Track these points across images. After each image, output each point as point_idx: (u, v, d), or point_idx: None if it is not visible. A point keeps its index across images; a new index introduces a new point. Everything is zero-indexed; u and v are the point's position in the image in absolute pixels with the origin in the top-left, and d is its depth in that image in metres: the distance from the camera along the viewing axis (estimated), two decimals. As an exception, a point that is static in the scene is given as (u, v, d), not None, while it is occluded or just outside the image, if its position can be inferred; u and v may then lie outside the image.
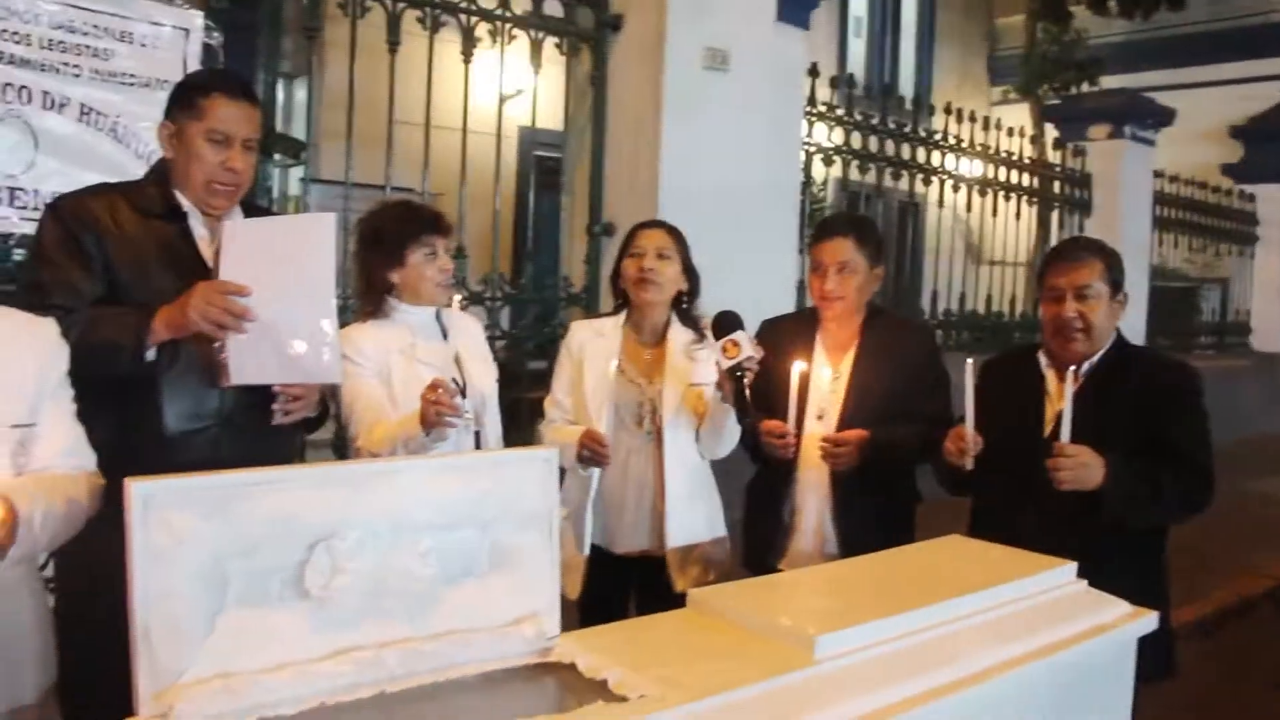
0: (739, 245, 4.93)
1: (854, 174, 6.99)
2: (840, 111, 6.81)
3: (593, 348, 2.92)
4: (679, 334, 2.93)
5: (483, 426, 2.66)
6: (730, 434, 2.86)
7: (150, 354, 2.23)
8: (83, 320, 2.21)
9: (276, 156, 4.81)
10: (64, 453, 1.99)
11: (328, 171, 4.80)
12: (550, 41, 5.18)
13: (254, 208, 2.62)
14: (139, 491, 1.35)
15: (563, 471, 2.53)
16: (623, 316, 2.98)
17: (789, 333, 3.05)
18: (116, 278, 2.32)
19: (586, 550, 2.88)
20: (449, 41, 4.82)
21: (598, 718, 1.46)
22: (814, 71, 6.32)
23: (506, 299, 5.07)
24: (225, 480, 1.43)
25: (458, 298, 2.50)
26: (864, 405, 2.92)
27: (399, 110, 4.76)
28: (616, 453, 2.78)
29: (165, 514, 1.36)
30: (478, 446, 2.62)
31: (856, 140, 6.98)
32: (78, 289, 2.28)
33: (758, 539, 3.04)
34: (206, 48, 4.20)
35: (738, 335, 2.66)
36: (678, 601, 2.83)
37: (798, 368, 2.77)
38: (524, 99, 5.20)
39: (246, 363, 2.24)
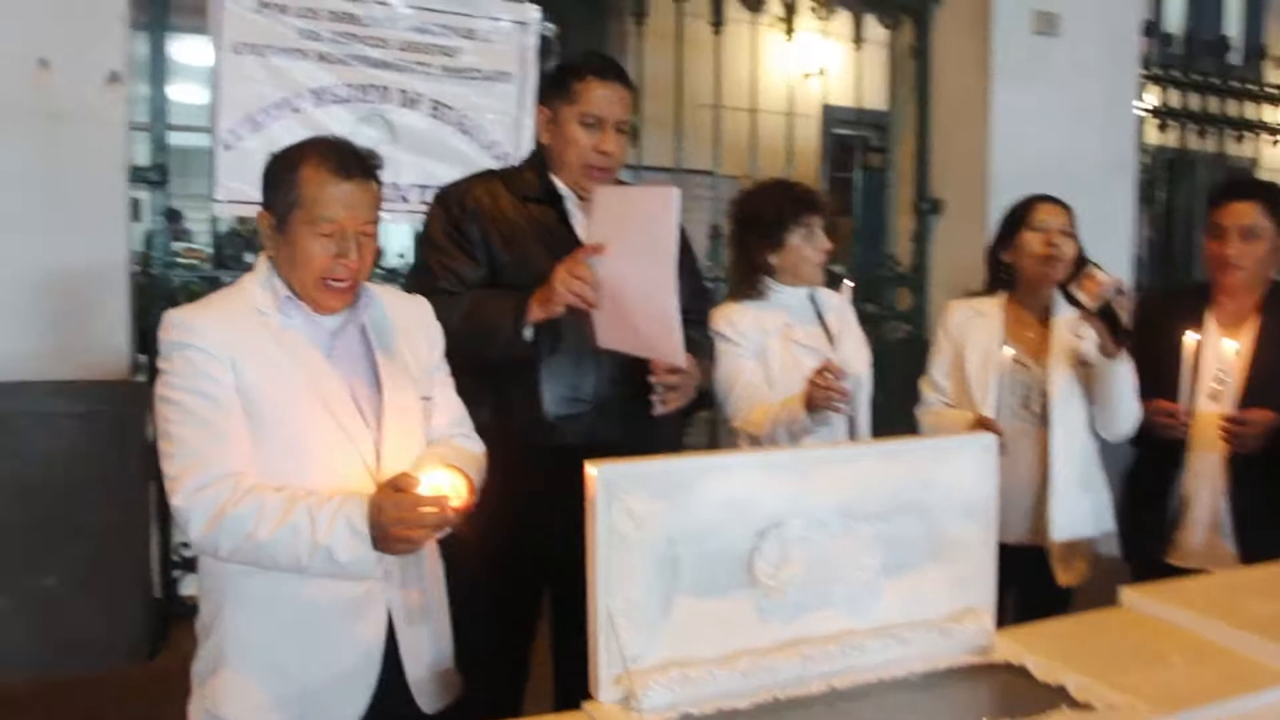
0: (1073, 219, 4.65)
1: (1177, 138, 6.39)
2: (1174, 71, 6.27)
3: (973, 328, 2.77)
4: (1065, 312, 2.75)
5: (857, 412, 2.58)
6: (1126, 402, 2.64)
7: (528, 334, 2.27)
8: (465, 303, 2.28)
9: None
10: (455, 422, 2.07)
11: (647, 158, 4.82)
12: (868, 16, 5.03)
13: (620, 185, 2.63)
14: (602, 476, 1.34)
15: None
16: (1002, 296, 2.81)
17: (1175, 305, 2.83)
18: (497, 260, 2.38)
19: None
20: (744, 22, 4.75)
21: (1074, 728, 1.34)
22: (1149, 30, 5.85)
23: (833, 279, 4.95)
24: (679, 465, 1.41)
25: (847, 284, 2.41)
26: (1269, 384, 2.65)
27: (700, 93, 4.73)
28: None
29: (625, 499, 1.35)
30: (851, 432, 2.55)
31: (1176, 99, 6.37)
32: (460, 274, 2.35)
33: (1141, 530, 2.81)
34: (542, 39, 4.32)
35: (1090, 269, 2.49)
36: (1060, 596, 2.70)
37: (1191, 339, 2.54)
38: (826, 76, 5.09)
39: (608, 329, 2.25)
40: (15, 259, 3.39)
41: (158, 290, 3.77)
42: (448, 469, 1.76)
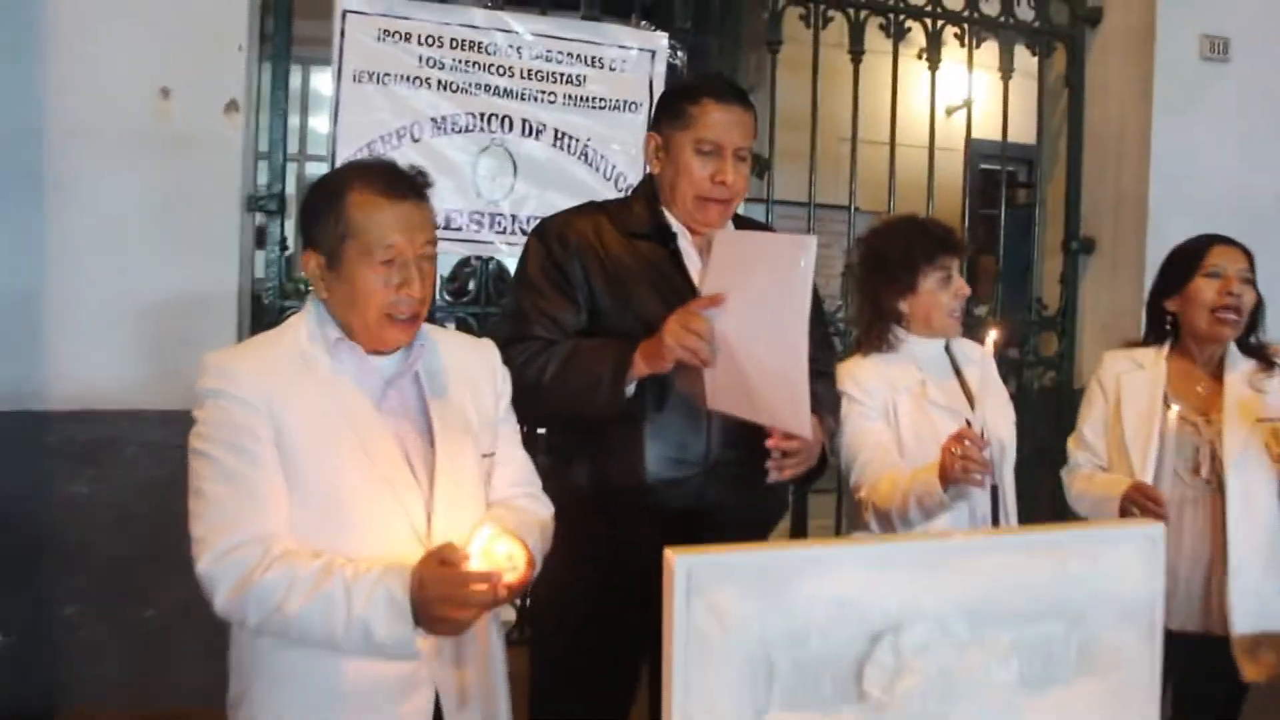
0: (1244, 262, 4.25)
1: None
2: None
3: (1132, 382, 2.45)
4: (1238, 363, 2.42)
5: (1001, 480, 2.29)
6: None
7: (630, 389, 2.05)
8: (561, 353, 2.08)
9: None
10: (520, 482, 1.89)
11: (780, 192, 4.60)
12: (1018, 44, 4.73)
13: (749, 224, 2.41)
14: (681, 566, 1.13)
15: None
16: (1166, 346, 2.50)
17: None
18: (599, 304, 2.17)
19: None
20: (882, 53, 4.50)
21: None
22: (1334, 54, 5.39)
23: (970, 322, 4.64)
24: (777, 556, 1.19)
25: (992, 335, 2.12)
26: None
27: (836, 126, 4.51)
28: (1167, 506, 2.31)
29: (710, 594, 1.14)
30: (995, 503, 2.27)
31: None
32: (558, 319, 2.14)
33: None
34: (671, 68, 4.16)
35: None
36: (1233, 693, 2.37)
37: None
38: (970, 109, 4.81)
39: (722, 390, 2.01)
40: (130, 286, 3.37)
41: (270, 319, 3.72)
42: (504, 537, 1.57)
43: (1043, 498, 4.57)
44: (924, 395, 2.30)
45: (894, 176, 4.50)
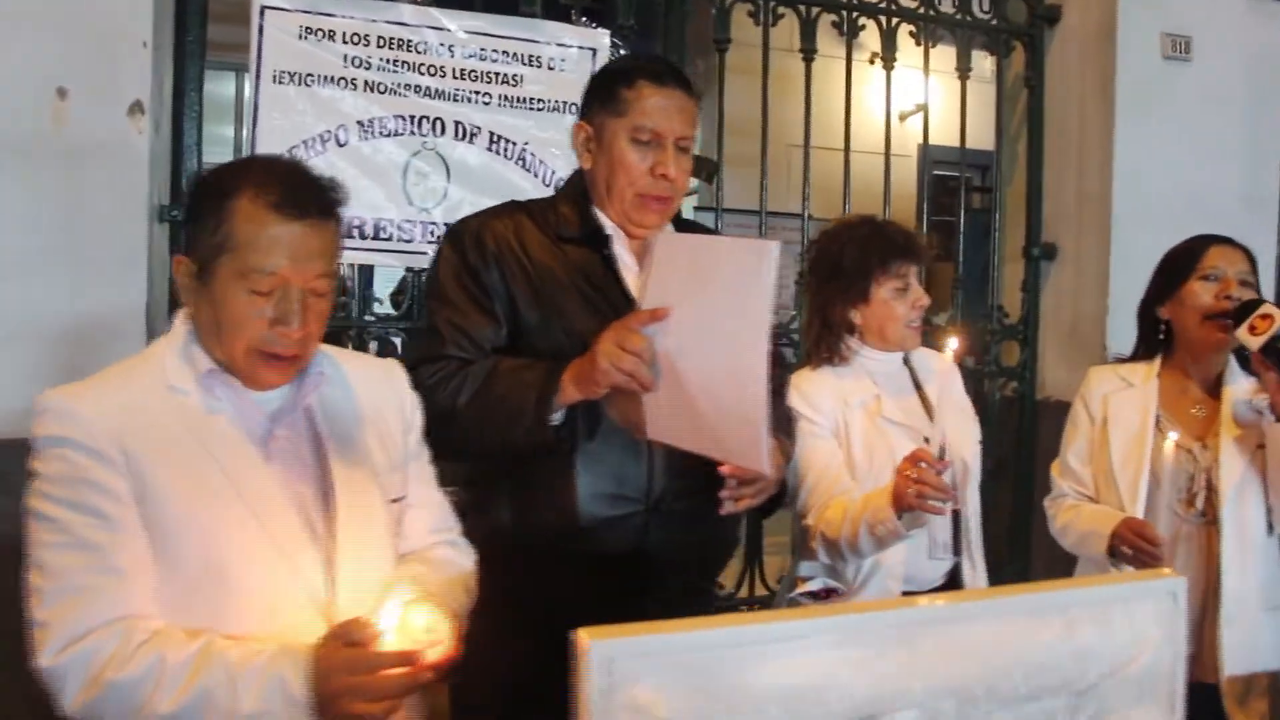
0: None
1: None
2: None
3: (1120, 402, 2.23)
4: (1238, 380, 2.22)
5: (964, 504, 2.07)
6: None
7: (556, 417, 1.81)
8: (478, 376, 1.83)
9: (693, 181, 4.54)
10: (436, 528, 1.65)
11: (729, 200, 4.39)
12: (974, 47, 4.57)
13: (692, 226, 2.18)
14: (598, 654, 0.89)
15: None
16: (1157, 360, 2.29)
17: None
18: (522, 318, 1.92)
19: None
20: (834, 58, 4.32)
21: None
22: (1289, 55, 5.27)
23: (929, 332, 4.44)
24: (718, 637, 0.95)
25: (952, 344, 1.89)
26: None
27: (785, 132, 4.33)
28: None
29: (633, 689, 0.90)
30: (956, 528, 2.06)
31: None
32: (475, 336, 1.90)
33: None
34: (613, 67, 3.94)
35: (1265, 307, 2.04)
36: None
37: None
38: (923, 114, 4.63)
39: (663, 419, 1.76)
40: (23, 306, 3.07)
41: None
42: (421, 604, 1.31)
43: (1004, 517, 4.40)
44: (878, 411, 2.10)
45: (849, 182, 4.30)
